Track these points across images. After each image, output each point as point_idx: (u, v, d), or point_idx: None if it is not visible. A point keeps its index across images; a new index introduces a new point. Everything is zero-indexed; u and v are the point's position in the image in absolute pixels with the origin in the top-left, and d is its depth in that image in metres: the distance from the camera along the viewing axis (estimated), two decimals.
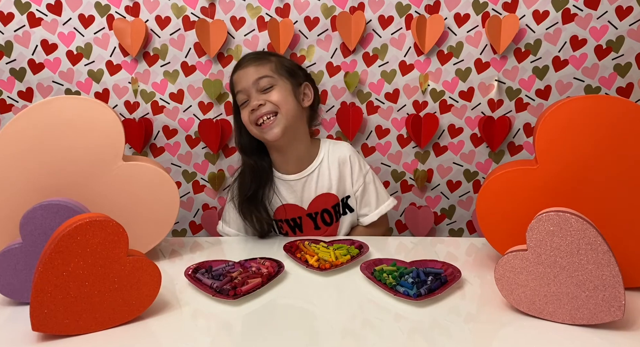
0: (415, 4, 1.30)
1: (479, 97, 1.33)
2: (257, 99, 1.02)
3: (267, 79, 1.03)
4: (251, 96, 1.03)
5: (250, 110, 1.02)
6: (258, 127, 1.03)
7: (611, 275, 0.61)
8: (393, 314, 0.67)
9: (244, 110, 1.04)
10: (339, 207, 1.11)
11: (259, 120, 1.03)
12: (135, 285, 0.64)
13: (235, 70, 1.08)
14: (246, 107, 1.04)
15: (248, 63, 1.06)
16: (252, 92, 1.03)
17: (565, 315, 0.63)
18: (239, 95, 1.05)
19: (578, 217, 0.62)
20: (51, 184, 0.81)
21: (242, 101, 1.05)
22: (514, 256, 0.65)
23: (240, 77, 1.05)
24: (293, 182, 1.09)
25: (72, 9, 1.28)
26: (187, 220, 1.41)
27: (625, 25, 1.25)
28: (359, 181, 1.12)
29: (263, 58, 1.07)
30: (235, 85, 1.06)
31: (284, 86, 1.05)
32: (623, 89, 1.29)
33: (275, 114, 1.03)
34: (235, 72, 1.07)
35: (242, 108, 1.05)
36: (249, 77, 1.03)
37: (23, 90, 1.30)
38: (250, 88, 1.03)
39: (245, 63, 1.06)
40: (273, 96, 1.03)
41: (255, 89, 1.03)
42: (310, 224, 1.10)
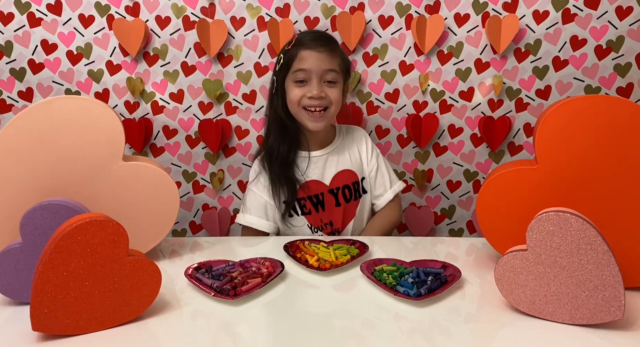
0: (415, 4, 1.30)
1: (479, 97, 1.33)
2: (320, 90, 1.03)
3: (335, 74, 1.05)
4: (312, 81, 1.03)
5: (309, 96, 1.03)
6: (304, 111, 1.05)
7: (611, 275, 0.61)
8: (393, 314, 0.67)
9: (298, 89, 1.04)
10: (358, 186, 1.15)
11: (312, 108, 1.04)
12: (135, 285, 0.64)
13: (304, 44, 1.04)
14: (302, 86, 1.04)
15: (323, 48, 1.04)
16: (315, 78, 1.03)
17: (565, 315, 0.63)
18: (300, 73, 1.04)
19: (578, 217, 0.62)
20: (51, 184, 0.81)
21: (300, 79, 1.04)
22: (514, 256, 0.65)
23: (311, 58, 1.03)
24: (316, 158, 1.13)
25: (72, 9, 1.28)
26: (187, 220, 1.41)
27: (625, 25, 1.25)
28: (372, 161, 1.17)
29: (335, 49, 1.07)
30: (300, 62, 1.04)
31: (341, 85, 1.09)
32: (623, 89, 1.28)
33: (326, 109, 1.06)
34: (304, 46, 1.04)
35: (296, 84, 1.05)
36: (321, 63, 1.03)
37: (23, 91, 1.30)
38: (317, 74, 1.03)
39: (319, 47, 1.04)
40: (333, 93, 1.05)
41: (320, 77, 1.03)
42: (332, 200, 1.13)
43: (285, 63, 1.06)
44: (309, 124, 1.06)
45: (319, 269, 0.80)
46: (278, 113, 1.09)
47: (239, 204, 1.41)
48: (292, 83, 1.05)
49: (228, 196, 1.41)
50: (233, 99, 1.35)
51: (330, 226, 1.14)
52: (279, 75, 1.08)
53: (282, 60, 1.07)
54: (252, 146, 1.37)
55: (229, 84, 1.34)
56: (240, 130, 1.37)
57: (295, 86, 1.05)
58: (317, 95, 1.02)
